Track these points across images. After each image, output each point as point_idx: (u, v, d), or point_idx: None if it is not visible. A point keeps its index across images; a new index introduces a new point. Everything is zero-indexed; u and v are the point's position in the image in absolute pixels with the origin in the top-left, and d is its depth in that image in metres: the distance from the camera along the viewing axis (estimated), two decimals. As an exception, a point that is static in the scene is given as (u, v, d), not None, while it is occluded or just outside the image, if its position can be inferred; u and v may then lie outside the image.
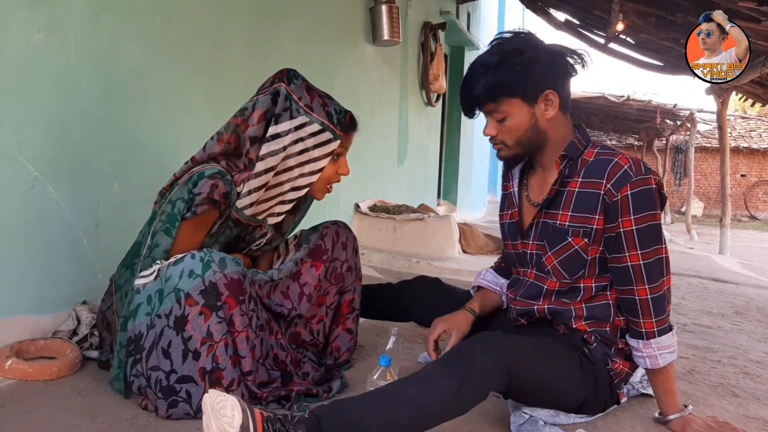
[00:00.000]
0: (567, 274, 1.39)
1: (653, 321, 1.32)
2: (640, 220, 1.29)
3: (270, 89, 1.43)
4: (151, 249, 1.34)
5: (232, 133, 1.41)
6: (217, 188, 1.33)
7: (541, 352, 1.28)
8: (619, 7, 4.93)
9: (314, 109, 1.43)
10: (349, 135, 1.50)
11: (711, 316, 2.93)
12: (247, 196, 1.41)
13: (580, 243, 1.35)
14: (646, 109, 10.45)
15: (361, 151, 4.06)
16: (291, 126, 1.41)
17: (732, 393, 1.73)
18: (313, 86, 1.48)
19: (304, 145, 1.43)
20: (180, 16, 2.07)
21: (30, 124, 1.54)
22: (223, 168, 1.37)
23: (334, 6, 3.50)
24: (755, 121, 17.08)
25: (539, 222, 1.43)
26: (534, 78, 1.32)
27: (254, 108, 1.41)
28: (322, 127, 1.43)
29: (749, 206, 16.26)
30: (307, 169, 1.45)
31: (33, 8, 1.52)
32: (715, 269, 5.15)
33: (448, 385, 1.11)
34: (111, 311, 1.46)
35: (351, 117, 1.49)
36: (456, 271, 3.45)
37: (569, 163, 1.38)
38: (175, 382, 1.24)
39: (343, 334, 1.60)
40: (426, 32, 5.25)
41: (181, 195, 1.34)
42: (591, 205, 1.33)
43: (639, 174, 1.30)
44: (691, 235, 9.37)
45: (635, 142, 15.31)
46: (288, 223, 1.65)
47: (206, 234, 1.41)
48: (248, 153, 1.40)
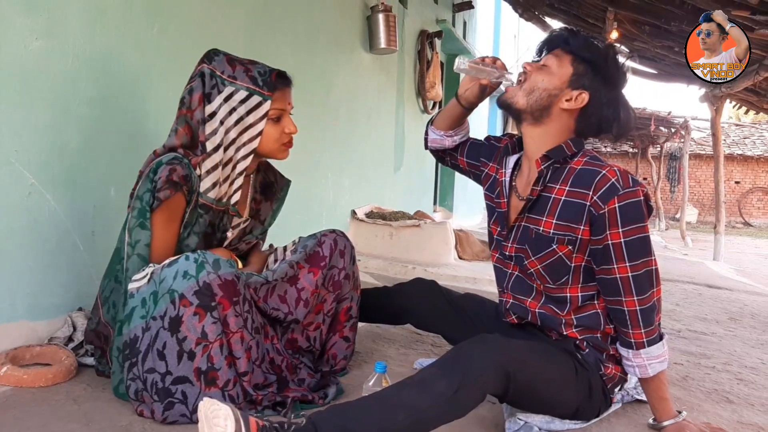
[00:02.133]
0: (551, 280, 1.40)
1: (642, 332, 1.32)
2: (629, 233, 1.29)
3: (197, 73, 1.47)
4: (133, 246, 1.36)
5: (185, 125, 1.45)
6: (175, 171, 1.36)
7: (539, 356, 1.28)
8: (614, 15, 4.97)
9: (237, 77, 1.45)
10: (280, 92, 1.49)
11: (705, 323, 2.95)
12: (207, 177, 1.44)
13: (564, 250, 1.36)
14: (640, 116, 10.50)
15: (358, 157, 4.08)
16: (221, 99, 1.44)
17: (726, 399, 1.74)
18: (235, 57, 1.49)
19: (238, 114, 1.45)
20: (178, 23, 2.08)
21: (27, 130, 1.54)
22: (180, 154, 1.40)
23: (331, 14, 3.52)
24: (749, 129, 17.19)
25: (521, 225, 1.43)
26: (597, 74, 1.37)
27: (191, 94, 1.45)
28: (248, 92, 1.45)
29: (743, 213, 16.34)
30: (246, 136, 1.47)
31: (31, 15, 1.53)
32: (709, 275, 5.17)
33: (445, 388, 1.10)
34: (101, 325, 1.47)
35: (277, 74, 1.48)
36: (452, 277, 3.45)
37: (552, 166, 1.38)
38: (170, 383, 1.24)
39: (340, 342, 1.61)
40: (422, 40, 5.28)
41: (146, 187, 1.37)
42: (576, 215, 1.33)
43: (627, 186, 1.29)
44: (685, 242, 9.41)
45: (630, 149, 15.38)
46: (266, 211, 1.66)
47: (180, 225, 1.42)
48: (199, 137, 1.44)
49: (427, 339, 2.09)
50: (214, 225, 1.51)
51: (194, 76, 1.47)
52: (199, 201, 1.44)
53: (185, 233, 1.44)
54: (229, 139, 1.46)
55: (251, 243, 1.65)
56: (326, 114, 3.50)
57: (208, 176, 1.44)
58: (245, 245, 1.63)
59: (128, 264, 1.36)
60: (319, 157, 3.44)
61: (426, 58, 5.32)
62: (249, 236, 1.63)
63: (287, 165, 1.57)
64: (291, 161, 1.61)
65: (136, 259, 1.35)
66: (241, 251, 1.63)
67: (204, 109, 1.44)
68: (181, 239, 1.44)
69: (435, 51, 5.50)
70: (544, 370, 1.27)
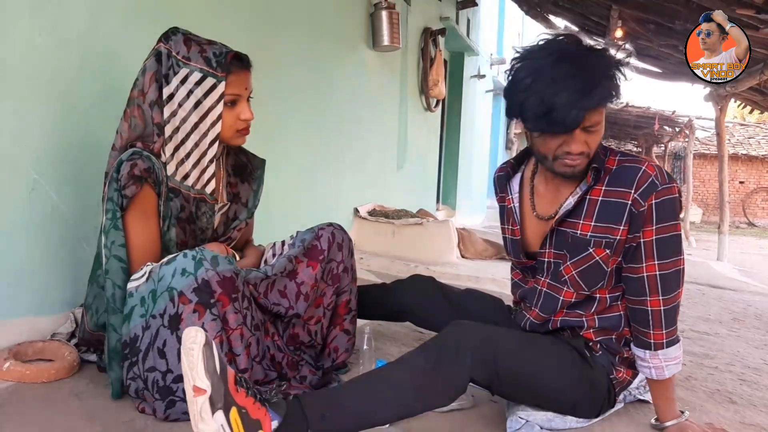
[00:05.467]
0: (585, 286, 1.36)
1: (663, 332, 1.31)
2: (662, 230, 1.27)
3: (153, 52, 1.44)
4: (109, 248, 1.34)
5: (134, 106, 1.43)
6: (136, 165, 1.35)
7: (526, 344, 1.29)
8: (618, 13, 4.96)
9: (192, 58, 1.41)
10: (235, 74, 1.43)
11: (708, 323, 2.94)
12: (171, 160, 1.42)
13: (601, 254, 1.32)
14: (644, 115, 10.47)
15: (361, 155, 4.08)
16: (177, 81, 1.41)
17: (729, 399, 1.73)
18: (193, 36, 1.44)
19: (195, 97, 1.41)
20: (181, 21, 2.07)
21: (31, 126, 1.55)
22: (138, 148, 1.39)
23: (334, 11, 3.52)
24: (754, 128, 17.12)
25: (554, 230, 1.38)
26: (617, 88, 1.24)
27: (144, 74, 1.43)
28: (202, 74, 1.40)
29: (747, 213, 16.28)
30: (208, 120, 1.43)
31: (36, 12, 1.53)
32: (713, 275, 5.15)
33: (423, 363, 1.16)
34: (88, 334, 1.48)
35: (233, 55, 1.42)
36: (454, 276, 3.45)
37: (595, 172, 1.33)
38: (171, 381, 1.24)
39: (341, 335, 1.61)
40: (426, 38, 5.27)
41: (113, 187, 1.36)
42: (617, 215, 1.30)
43: (664, 183, 1.27)
44: (689, 242, 9.38)
45: (634, 149, 15.33)
46: (246, 193, 1.63)
47: (157, 220, 1.41)
48: (153, 120, 1.41)
49: (428, 337, 2.08)
50: (192, 213, 1.48)
51: (150, 56, 1.43)
52: (168, 185, 1.42)
53: (164, 226, 1.43)
54: (192, 123, 1.42)
55: (241, 228, 1.62)
56: (329, 111, 3.50)
57: (173, 159, 1.41)
58: (237, 232, 1.61)
59: (107, 266, 1.34)
60: (322, 154, 3.43)
61: (429, 56, 5.31)
62: (236, 222, 1.60)
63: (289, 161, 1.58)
64: (293, 158, 1.61)
65: (114, 260, 1.34)
66: (234, 240, 1.62)
67: (158, 90, 1.41)
68: (162, 233, 1.42)
69: (438, 48, 5.49)
70: (533, 357, 1.27)
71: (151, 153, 1.39)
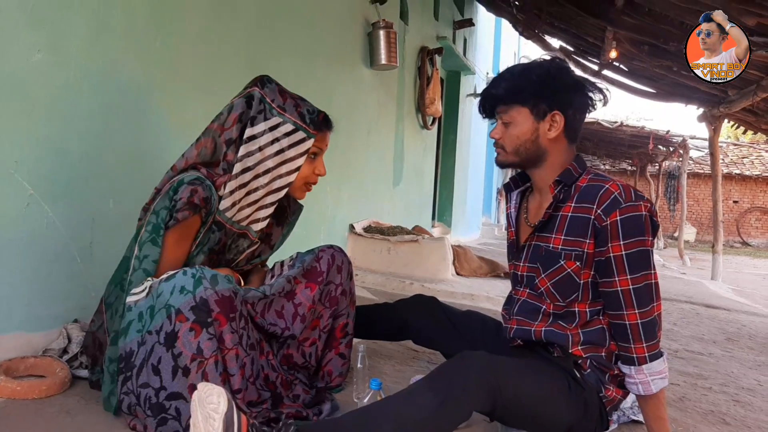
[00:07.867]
0: (560, 297, 1.41)
1: (644, 346, 1.33)
2: (629, 246, 1.32)
3: (244, 93, 1.48)
4: (141, 260, 1.35)
5: (209, 137, 1.46)
6: (197, 193, 1.36)
7: (528, 373, 1.29)
8: (613, 35, 5.02)
9: (287, 109, 1.47)
10: (323, 133, 1.53)
11: (702, 343, 2.94)
12: (229, 197, 1.44)
13: (572, 266, 1.38)
14: (639, 134, 10.57)
15: (358, 172, 4.09)
16: (266, 127, 1.45)
17: (722, 420, 1.73)
18: (286, 90, 1.52)
19: (280, 146, 1.46)
20: (179, 37, 2.10)
21: (28, 142, 1.55)
22: (202, 175, 1.41)
23: (332, 30, 3.55)
24: (747, 148, 17.27)
25: (531, 244, 1.47)
26: (546, 94, 1.38)
27: (229, 112, 1.46)
28: (295, 127, 1.47)
29: (741, 232, 16.35)
30: (284, 169, 1.48)
31: (34, 28, 1.55)
32: (707, 295, 5.16)
33: (430, 401, 1.13)
34: (102, 330, 1.46)
35: (324, 116, 1.52)
36: (450, 293, 3.45)
37: (564, 188, 1.41)
38: (164, 399, 1.23)
39: (336, 359, 1.60)
40: (423, 57, 5.32)
41: (164, 204, 1.37)
42: (582, 229, 1.36)
43: (629, 200, 1.33)
44: (683, 261, 9.41)
45: (628, 168, 15.43)
46: (276, 236, 1.66)
47: (191, 244, 1.42)
48: (226, 156, 1.44)
49: (423, 356, 2.08)
50: (226, 245, 1.51)
51: (240, 96, 1.48)
52: (215, 219, 1.44)
53: (195, 251, 1.44)
54: (265, 168, 1.46)
55: (255, 264, 1.65)
56: (326, 128, 3.51)
57: (231, 196, 1.44)
58: (249, 266, 1.64)
59: (132, 277, 1.35)
60: (319, 171, 3.44)
61: (426, 75, 5.36)
62: (257, 259, 1.63)
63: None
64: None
65: (141, 273, 1.34)
66: (243, 269, 1.63)
67: (240, 130, 1.44)
68: (190, 256, 1.44)
69: (435, 67, 5.54)
70: (532, 385, 1.27)
71: (212, 183, 1.41)
